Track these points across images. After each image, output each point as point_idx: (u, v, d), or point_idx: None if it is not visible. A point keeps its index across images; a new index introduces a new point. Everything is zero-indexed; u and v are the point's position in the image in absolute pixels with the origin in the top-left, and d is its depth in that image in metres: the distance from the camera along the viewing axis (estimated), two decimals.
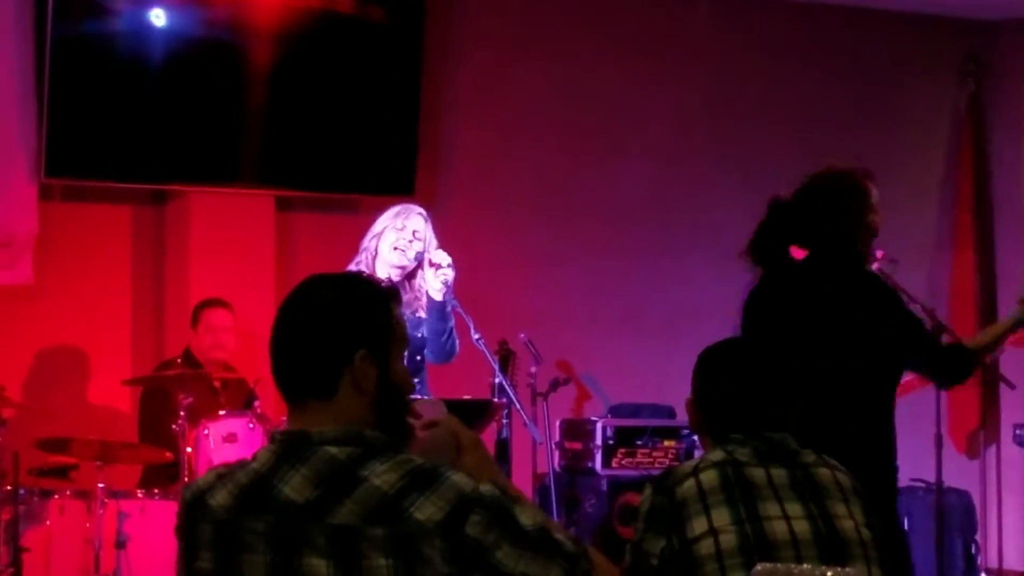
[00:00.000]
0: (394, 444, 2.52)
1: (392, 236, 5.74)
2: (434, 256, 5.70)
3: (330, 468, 2.46)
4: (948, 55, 9.31)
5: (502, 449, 6.63)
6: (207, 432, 6.13)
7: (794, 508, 3.23)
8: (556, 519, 6.45)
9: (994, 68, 9.33)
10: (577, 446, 7.25)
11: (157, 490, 6.32)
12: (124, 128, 7.35)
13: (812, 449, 3.34)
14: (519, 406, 6.03)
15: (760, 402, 3.35)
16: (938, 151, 9.35)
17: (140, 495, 6.28)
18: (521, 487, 2.72)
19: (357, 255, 5.80)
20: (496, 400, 6.35)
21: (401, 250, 5.72)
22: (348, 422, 2.51)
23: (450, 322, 5.73)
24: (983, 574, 7.47)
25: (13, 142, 7.17)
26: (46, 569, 6.10)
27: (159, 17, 7.32)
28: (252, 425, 6.13)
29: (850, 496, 3.30)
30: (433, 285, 5.67)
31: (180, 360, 6.82)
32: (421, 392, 5.60)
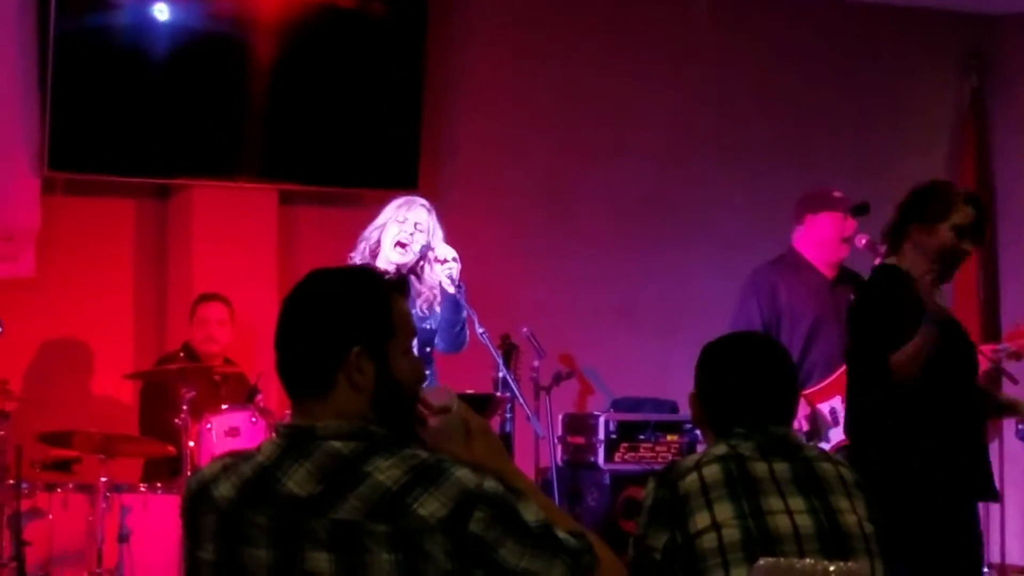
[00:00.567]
0: (400, 439, 2.50)
1: (394, 229, 5.71)
2: (439, 251, 5.69)
3: (334, 463, 2.46)
4: (951, 50, 9.29)
5: (505, 443, 6.61)
6: (209, 426, 6.12)
7: (797, 502, 3.23)
8: None
9: (997, 63, 9.31)
10: (580, 440, 7.23)
11: (159, 484, 6.31)
12: (127, 122, 7.35)
13: None
14: (522, 400, 6.03)
15: (763, 396, 3.35)
16: (941, 146, 9.33)
17: (143, 489, 6.27)
18: None
19: (357, 244, 5.78)
20: (499, 394, 6.36)
21: (403, 244, 5.69)
22: (349, 417, 2.50)
23: (463, 313, 5.73)
24: (986, 569, 7.45)
25: (16, 135, 7.16)
26: (48, 563, 6.09)
27: (162, 11, 7.31)
28: (254, 419, 6.12)
29: (853, 490, 3.31)
30: (444, 281, 5.67)
31: (182, 354, 6.82)
32: (430, 384, 5.59)
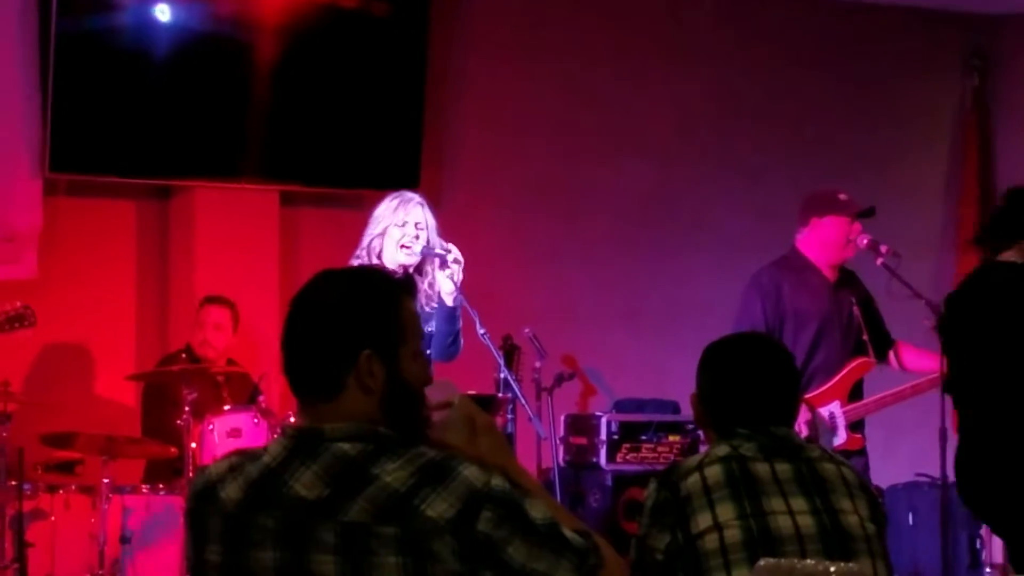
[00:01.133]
0: (407, 439, 2.48)
1: (396, 233, 5.61)
2: (440, 251, 5.63)
3: (341, 465, 2.44)
4: (952, 50, 9.29)
5: None
6: (212, 427, 6.12)
7: (799, 503, 3.22)
8: None
9: (998, 62, 9.32)
10: (582, 441, 7.23)
11: (162, 485, 6.32)
12: (128, 123, 7.35)
13: None
14: (524, 401, 6.02)
15: (765, 397, 3.35)
16: (942, 146, 9.34)
17: (145, 490, 6.28)
18: None
19: (358, 250, 5.67)
20: (501, 395, 6.35)
21: (407, 247, 5.62)
22: (357, 419, 2.48)
23: (457, 325, 5.67)
24: (988, 568, 7.44)
25: (17, 137, 7.17)
26: (51, 564, 6.10)
27: (163, 12, 7.31)
28: (256, 420, 6.11)
29: (855, 491, 3.30)
30: (445, 287, 5.60)
31: (184, 355, 6.82)
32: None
